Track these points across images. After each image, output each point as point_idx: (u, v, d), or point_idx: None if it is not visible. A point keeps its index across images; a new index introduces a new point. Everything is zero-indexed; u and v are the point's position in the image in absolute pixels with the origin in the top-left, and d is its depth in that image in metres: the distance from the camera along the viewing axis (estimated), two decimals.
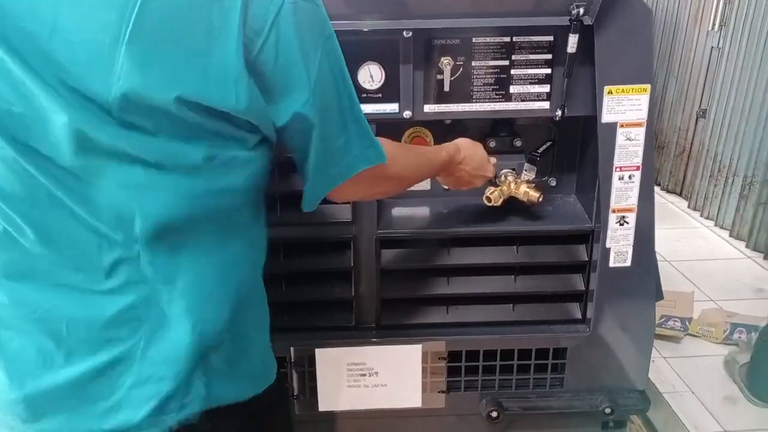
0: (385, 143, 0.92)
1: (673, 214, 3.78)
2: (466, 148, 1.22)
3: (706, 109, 3.71)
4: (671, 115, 4.08)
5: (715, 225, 3.48)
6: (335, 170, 0.86)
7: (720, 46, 3.57)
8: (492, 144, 1.37)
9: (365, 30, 1.16)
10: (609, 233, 1.29)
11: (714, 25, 3.61)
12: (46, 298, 0.77)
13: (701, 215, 3.61)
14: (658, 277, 1.39)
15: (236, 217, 0.83)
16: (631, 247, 1.31)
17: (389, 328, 1.38)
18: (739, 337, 2.33)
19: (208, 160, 0.75)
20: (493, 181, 1.33)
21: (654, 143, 1.26)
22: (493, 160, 1.30)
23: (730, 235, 3.33)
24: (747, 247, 3.20)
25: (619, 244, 1.30)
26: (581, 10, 1.14)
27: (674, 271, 3.00)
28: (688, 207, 3.81)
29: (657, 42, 4.19)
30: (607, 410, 1.39)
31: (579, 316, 1.39)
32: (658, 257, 1.43)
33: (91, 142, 0.71)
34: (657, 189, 4.13)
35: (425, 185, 1.43)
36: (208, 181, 0.77)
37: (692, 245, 3.30)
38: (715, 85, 3.57)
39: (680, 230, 3.53)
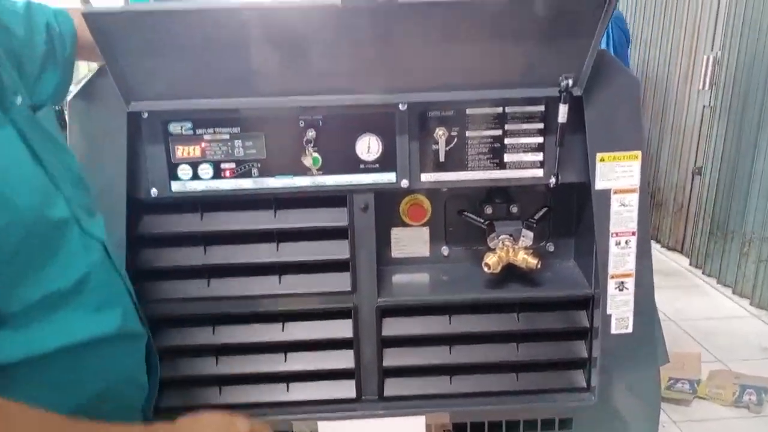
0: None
1: (675, 272, 3.76)
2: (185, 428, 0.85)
3: (701, 167, 3.75)
4: (668, 172, 4.13)
5: (718, 282, 3.46)
6: None
7: (711, 104, 3.64)
8: (489, 210, 1.38)
9: (363, 104, 1.20)
10: (609, 299, 1.29)
11: (704, 84, 3.70)
12: None
13: (703, 273, 3.60)
14: (663, 339, 1.37)
15: None
16: (632, 313, 1.30)
17: (392, 399, 1.36)
18: (749, 399, 2.29)
19: None
20: (491, 248, 1.34)
21: (649, 207, 1.27)
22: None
23: (734, 293, 3.31)
24: (751, 304, 3.18)
25: (619, 310, 1.29)
26: (570, 82, 1.17)
27: (679, 331, 2.97)
28: (690, 264, 3.80)
29: (650, 102, 4.28)
30: None
31: (584, 384, 1.36)
32: (662, 317, 1.42)
33: None
34: (657, 247, 4.13)
35: (424, 251, 1.43)
36: None
37: (696, 304, 3.28)
38: (709, 143, 3.63)
39: (683, 288, 3.51)
